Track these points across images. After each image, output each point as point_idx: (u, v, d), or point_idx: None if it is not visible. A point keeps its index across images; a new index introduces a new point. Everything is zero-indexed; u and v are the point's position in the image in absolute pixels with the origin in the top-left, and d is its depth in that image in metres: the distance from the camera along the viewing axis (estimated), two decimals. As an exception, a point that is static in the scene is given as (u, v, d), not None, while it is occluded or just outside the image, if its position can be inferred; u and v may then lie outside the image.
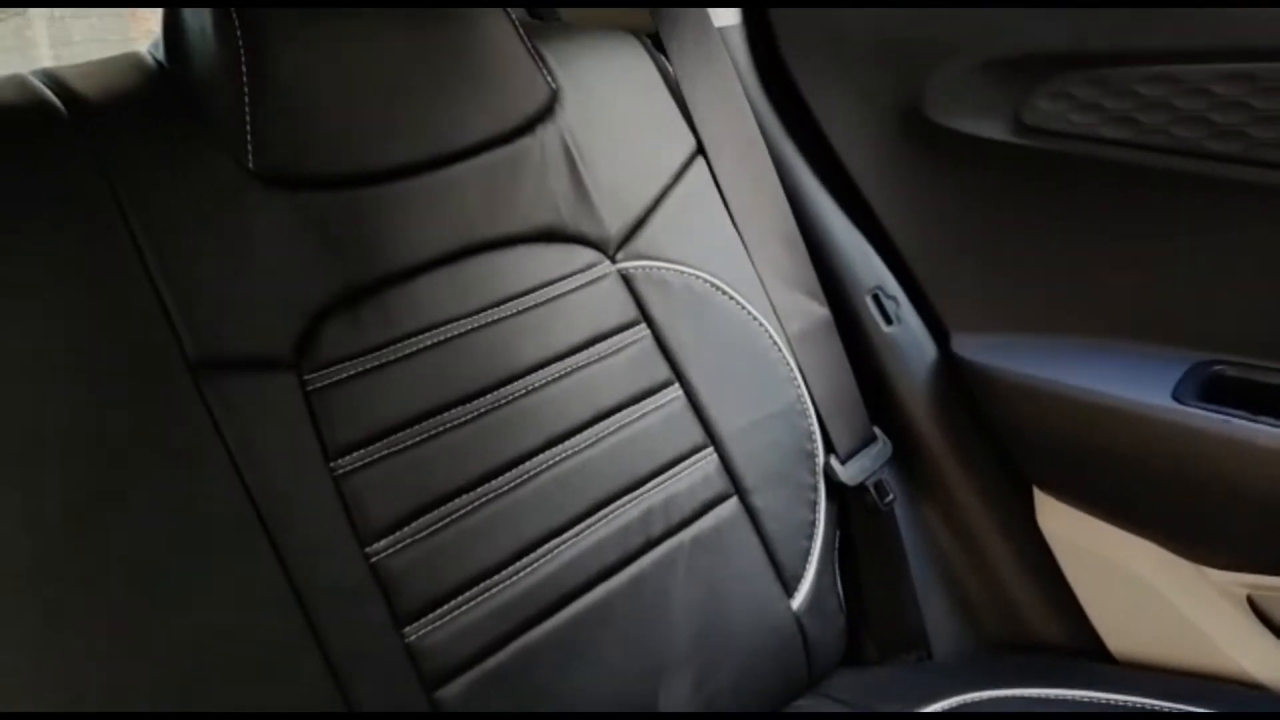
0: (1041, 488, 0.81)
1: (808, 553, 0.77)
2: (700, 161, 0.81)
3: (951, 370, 0.82)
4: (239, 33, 0.59)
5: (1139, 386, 0.71)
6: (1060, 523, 0.80)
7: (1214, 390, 0.70)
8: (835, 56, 0.82)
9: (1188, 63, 0.66)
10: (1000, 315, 0.80)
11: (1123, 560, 0.77)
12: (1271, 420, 0.66)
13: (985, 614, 0.83)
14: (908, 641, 0.81)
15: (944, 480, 0.83)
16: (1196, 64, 0.66)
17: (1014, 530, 0.82)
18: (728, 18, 0.85)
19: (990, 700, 0.73)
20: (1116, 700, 0.71)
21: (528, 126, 0.72)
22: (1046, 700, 0.72)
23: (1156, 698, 0.70)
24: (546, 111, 0.73)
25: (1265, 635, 0.73)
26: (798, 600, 0.75)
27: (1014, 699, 0.73)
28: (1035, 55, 0.71)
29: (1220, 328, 0.71)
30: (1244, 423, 0.66)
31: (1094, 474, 0.76)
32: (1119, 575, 0.78)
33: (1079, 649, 0.81)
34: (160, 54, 0.63)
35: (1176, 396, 0.70)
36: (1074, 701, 0.72)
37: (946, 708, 0.73)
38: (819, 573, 0.77)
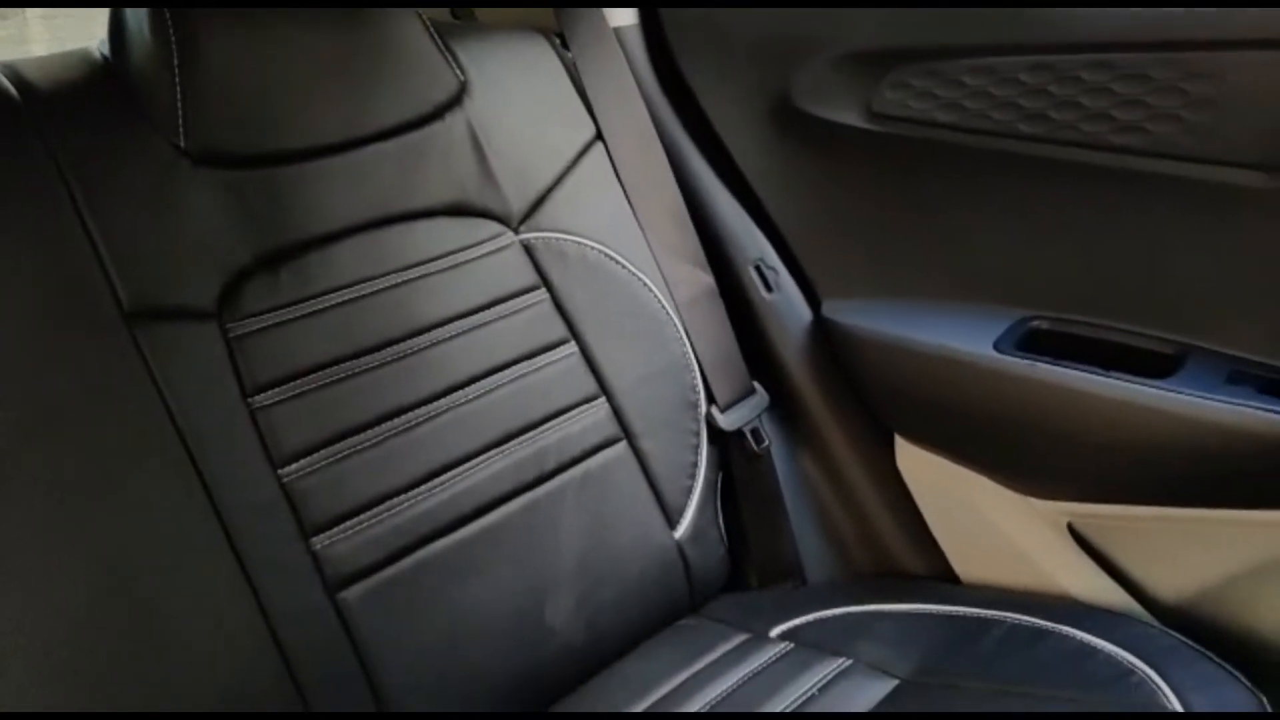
0: (900, 433, 0.91)
1: (690, 490, 0.87)
2: (599, 147, 0.91)
3: (822, 331, 0.92)
4: (171, 31, 0.69)
5: (967, 339, 0.82)
6: (915, 464, 0.90)
7: (1031, 341, 0.81)
8: (718, 54, 0.92)
9: (999, 55, 0.77)
10: (863, 282, 0.91)
11: (966, 495, 0.88)
12: (1072, 364, 0.77)
13: (853, 546, 0.93)
14: (785, 571, 0.92)
15: (816, 428, 0.93)
16: (1006, 56, 0.76)
17: (877, 471, 0.92)
18: (626, 19, 0.96)
19: (847, 614, 0.84)
20: (954, 611, 0.82)
21: (436, 114, 0.82)
22: (895, 613, 0.83)
23: (987, 609, 0.81)
24: (455, 101, 0.83)
25: (1081, 557, 0.84)
26: (680, 530, 0.85)
27: (869, 613, 0.84)
28: (876, 51, 0.82)
29: (1038, 288, 0.81)
30: (1048, 366, 0.77)
31: (938, 419, 0.86)
32: (963, 509, 0.88)
33: (933, 574, 0.91)
34: (106, 50, 0.73)
35: (997, 347, 0.80)
36: (917, 613, 0.82)
37: (807, 621, 0.83)
38: (700, 507, 0.87)
